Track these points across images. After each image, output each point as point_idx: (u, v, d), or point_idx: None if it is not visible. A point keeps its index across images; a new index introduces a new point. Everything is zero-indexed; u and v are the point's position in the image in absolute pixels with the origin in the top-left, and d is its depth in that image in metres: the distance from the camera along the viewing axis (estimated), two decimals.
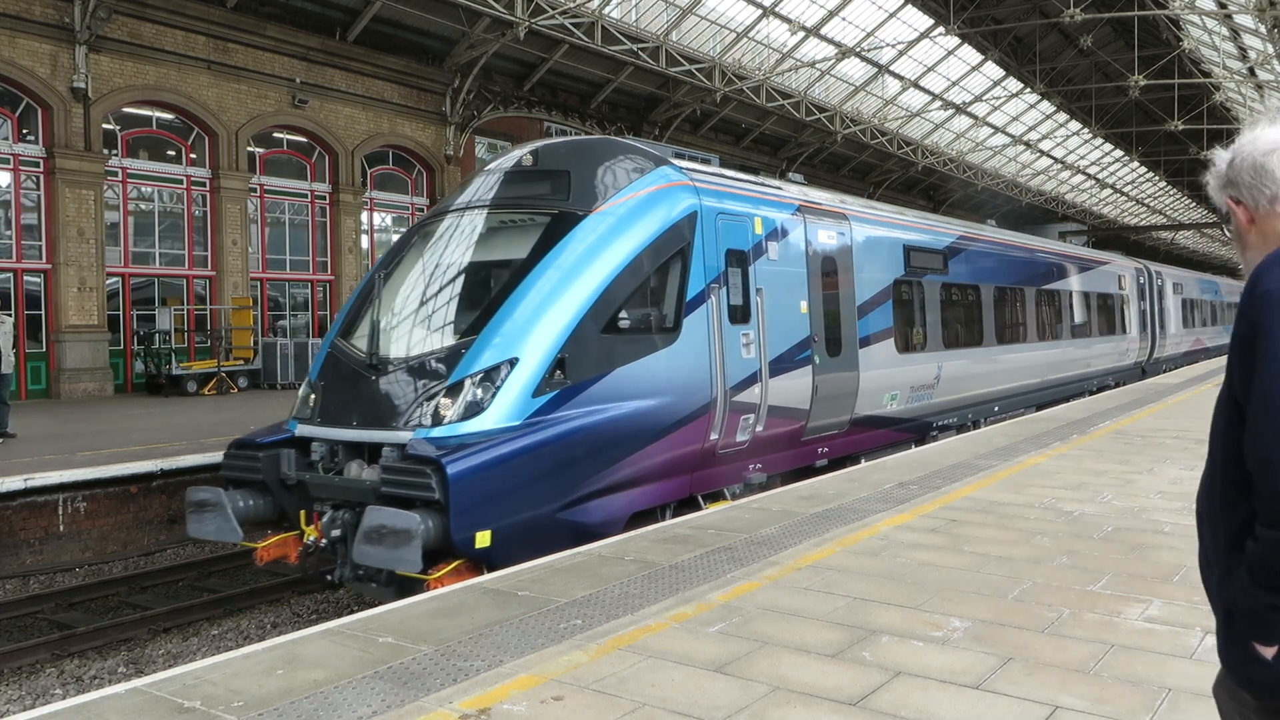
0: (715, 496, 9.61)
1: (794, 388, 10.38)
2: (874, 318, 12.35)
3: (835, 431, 11.43)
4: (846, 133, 32.39)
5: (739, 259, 9.77)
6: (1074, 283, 20.50)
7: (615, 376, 8.17)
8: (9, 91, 20.94)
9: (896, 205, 17.33)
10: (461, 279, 8.75)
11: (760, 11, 26.30)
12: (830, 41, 28.71)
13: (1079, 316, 20.67)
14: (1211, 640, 4.61)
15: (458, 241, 9.05)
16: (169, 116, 23.65)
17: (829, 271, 11.51)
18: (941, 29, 29.86)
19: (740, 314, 9.65)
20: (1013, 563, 6.14)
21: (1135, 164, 50.71)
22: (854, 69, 32.74)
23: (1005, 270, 16.99)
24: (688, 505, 9.06)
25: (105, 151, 22.22)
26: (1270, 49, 28.21)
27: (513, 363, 7.75)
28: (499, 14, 21.86)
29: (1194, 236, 75.31)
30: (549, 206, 8.85)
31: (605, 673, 4.36)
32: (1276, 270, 1.86)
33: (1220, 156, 2.12)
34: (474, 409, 7.59)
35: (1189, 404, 16.29)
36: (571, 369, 8.00)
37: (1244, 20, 27.28)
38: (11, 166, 21.11)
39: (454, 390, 7.70)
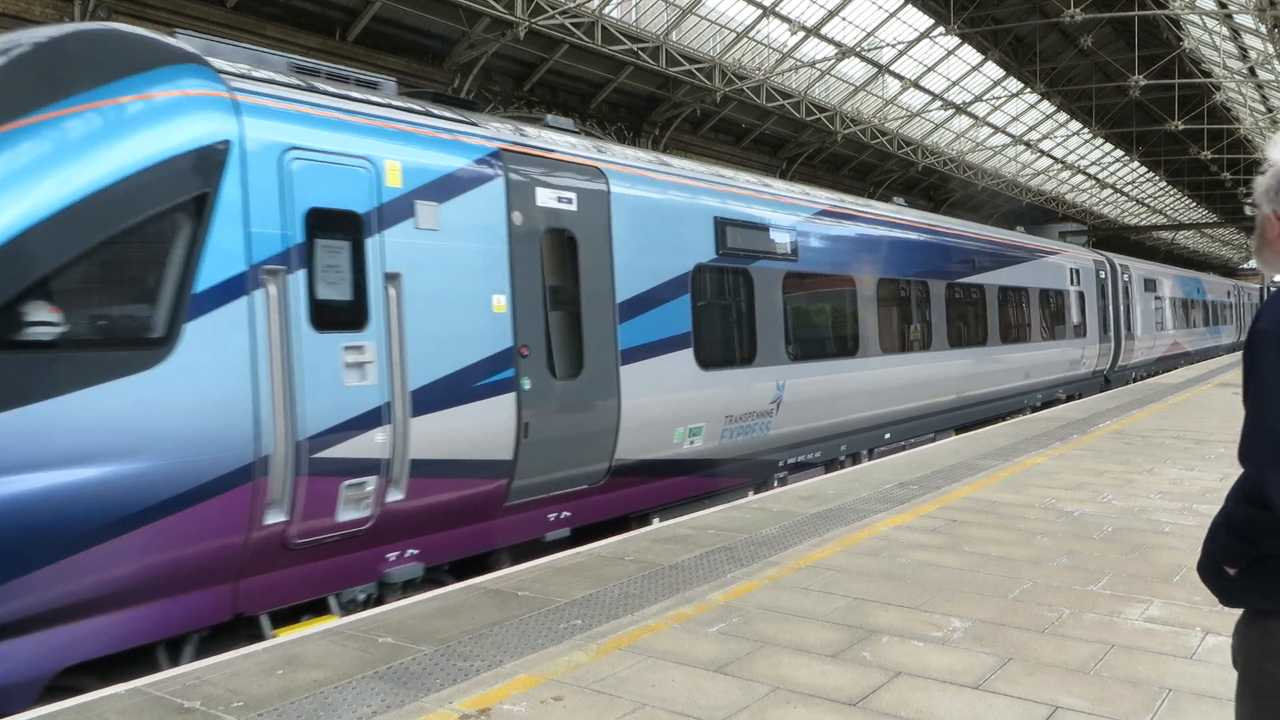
0: (317, 609, 6.22)
1: (477, 428, 6.90)
2: (653, 320, 8.73)
3: (580, 487, 7.99)
4: (846, 133, 32.39)
5: (343, 226, 6.27)
6: (1006, 276, 16.92)
7: (14, 421, 4.68)
8: None
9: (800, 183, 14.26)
10: None
11: (760, 11, 26.30)
12: (830, 41, 28.71)
13: (1013, 317, 17.19)
14: (1211, 640, 4.62)
15: None
16: None
17: (560, 252, 7.89)
18: (941, 29, 29.85)
19: (345, 314, 6.19)
20: (1013, 563, 6.14)
21: (1135, 164, 50.68)
22: (854, 69, 32.75)
23: (898, 259, 13.45)
24: (241, 626, 5.86)
25: None
26: (1270, 49, 28.20)
27: None
28: (499, 14, 21.88)
29: (1194, 236, 75.28)
30: None
31: (605, 673, 4.36)
32: (1272, 310, 2.27)
33: (1277, 160, 2.35)
34: None
35: (1189, 404, 16.29)
36: None
37: (1244, 20, 27.27)
38: None
39: None
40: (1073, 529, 7.06)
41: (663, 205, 9.15)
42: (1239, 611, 2.50)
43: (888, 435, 13.10)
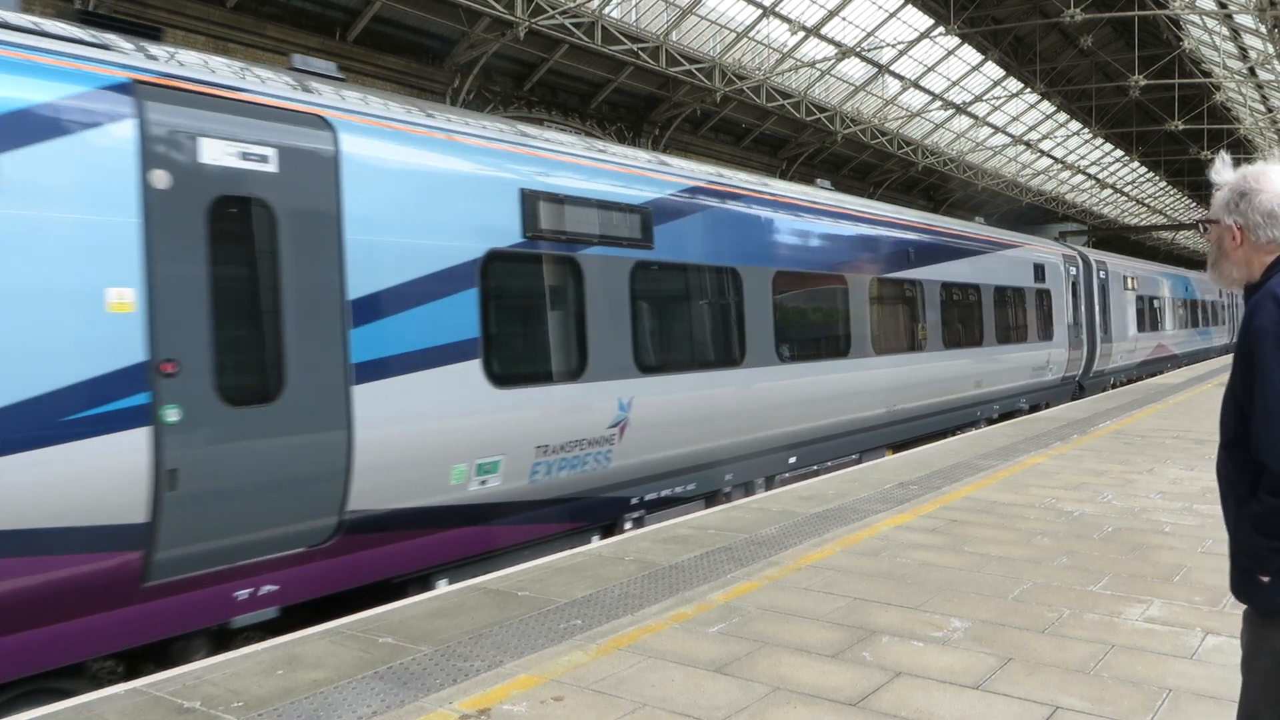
0: None
1: (75, 481, 4.85)
2: (413, 323, 6.54)
3: (290, 551, 5.88)
4: (846, 133, 32.39)
5: None
6: (950, 270, 14.66)
7: None
8: None
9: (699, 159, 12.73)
10: None
11: (760, 11, 26.30)
12: (830, 41, 28.71)
13: (959, 318, 14.95)
14: (1211, 640, 4.62)
15: None
16: None
17: (245, 229, 5.75)
18: (941, 29, 29.85)
19: None
20: (1013, 563, 6.14)
21: (1135, 164, 50.70)
22: (854, 69, 32.75)
23: (805, 248, 11.24)
24: None
25: None
26: (1270, 49, 28.19)
27: None
28: (499, 14, 21.89)
29: (1194, 236, 75.30)
30: None
31: (605, 673, 4.36)
32: (1268, 306, 2.32)
33: (1230, 178, 2.47)
34: None
35: (1189, 404, 16.29)
36: None
37: (1244, 20, 27.27)
38: None
39: None
40: (1073, 529, 7.06)
41: (432, 172, 6.84)
42: (1240, 612, 2.52)
43: (793, 459, 10.87)
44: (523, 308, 7.70)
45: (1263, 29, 26.24)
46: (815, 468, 11.38)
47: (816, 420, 11.18)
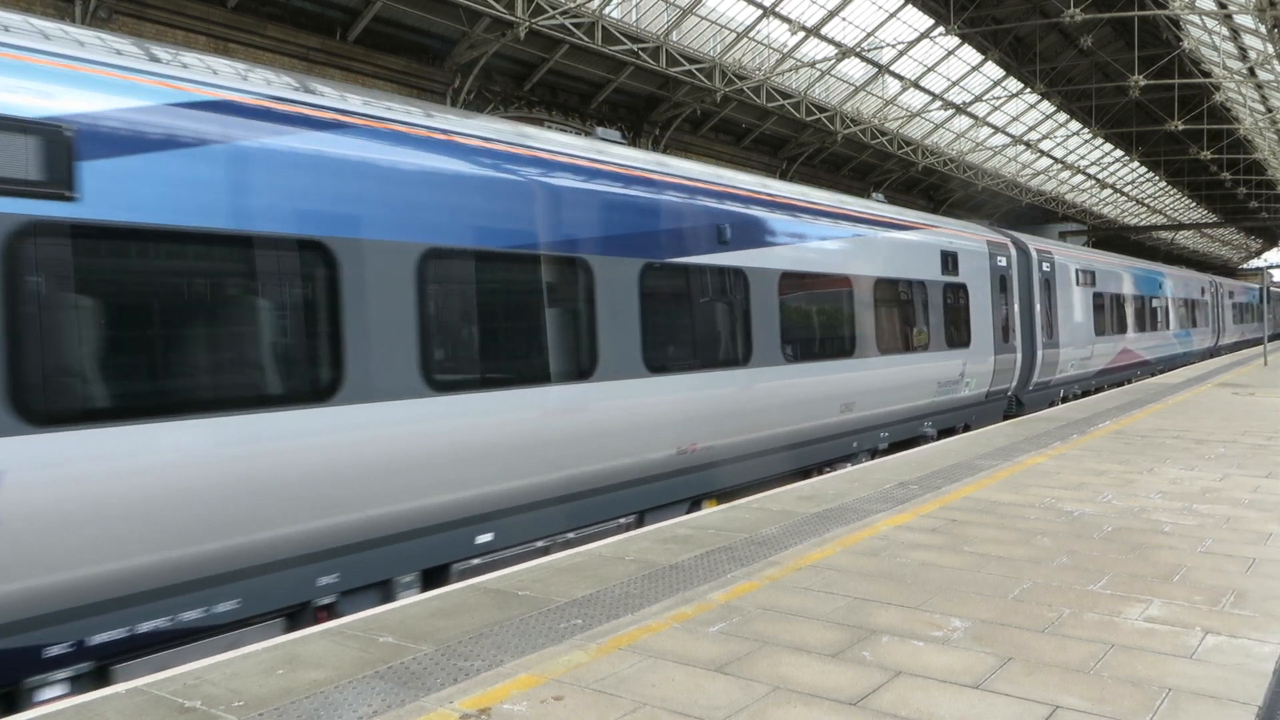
0: None
1: None
2: None
3: None
4: (847, 133, 32.40)
5: None
6: (794, 256, 10.87)
7: None
8: None
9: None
10: None
11: (760, 11, 26.31)
12: (830, 41, 28.72)
13: (815, 321, 11.29)
14: (1211, 640, 4.62)
15: None
16: None
17: None
18: (941, 29, 29.86)
19: None
20: (1013, 563, 6.14)
21: (1135, 164, 50.72)
22: (854, 69, 32.75)
23: (490, 216, 7.24)
24: None
25: None
26: (1270, 49, 28.19)
27: None
28: (499, 14, 21.90)
29: (1194, 236, 75.30)
30: None
31: (605, 672, 4.37)
32: None
33: None
34: None
35: (1189, 404, 16.29)
36: None
37: (1244, 20, 27.27)
38: None
39: None
40: (1073, 529, 7.06)
41: None
42: (1240, 612, 2.50)
43: (487, 536, 7.22)
44: None
45: (1262, 29, 26.23)
46: (539, 544, 7.62)
47: (517, 478, 7.28)
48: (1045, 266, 18.83)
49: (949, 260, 14.63)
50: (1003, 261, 16.76)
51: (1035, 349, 18.00)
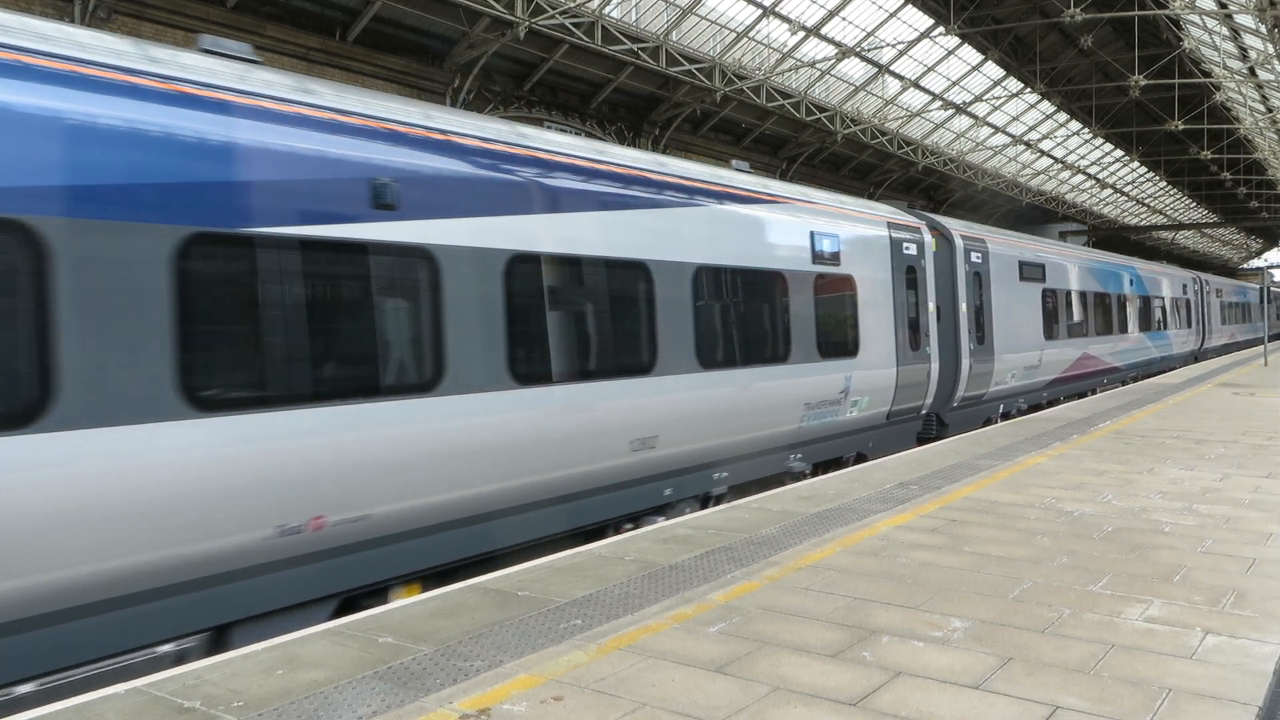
0: None
1: None
2: None
3: None
4: (846, 133, 32.40)
5: None
6: (584, 233, 8.11)
7: None
8: None
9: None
10: None
11: (760, 11, 26.31)
12: (830, 41, 28.72)
13: (588, 325, 8.18)
14: (1211, 640, 4.62)
15: None
16: None
17: None
18: (941, 29, 29.86)
19: None
20: (1013, 563, 6.14)
21: (1135, 164, 50.75)
22: (854, 69, 32.75)
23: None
24: None
25: None
26: (1270, 49, 28.19)
27: None
28: (499, 14, 21.90)
29: (1194, 236, 75.32)
30: None
31: (605, 673, 4.36)
32: None
33: None
34: None
35: (1189, 404, 16.29)
36: None
37: (1244, 20, 27.27)
38: None
39: None
40: (1073, 529, 7.06)
41: None
42: (1240, 612, 2.49)
43: None
44: None
45: (1263, 29, 26.23)
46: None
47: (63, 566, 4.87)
48: (975, 257, 15.87)
49: (824, 245, 11.33)
50: (911, 249, 13.53)
51: (960, 357, 15.07)
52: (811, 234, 11.21)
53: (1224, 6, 26.70)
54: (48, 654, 4.94)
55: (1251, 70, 31.78)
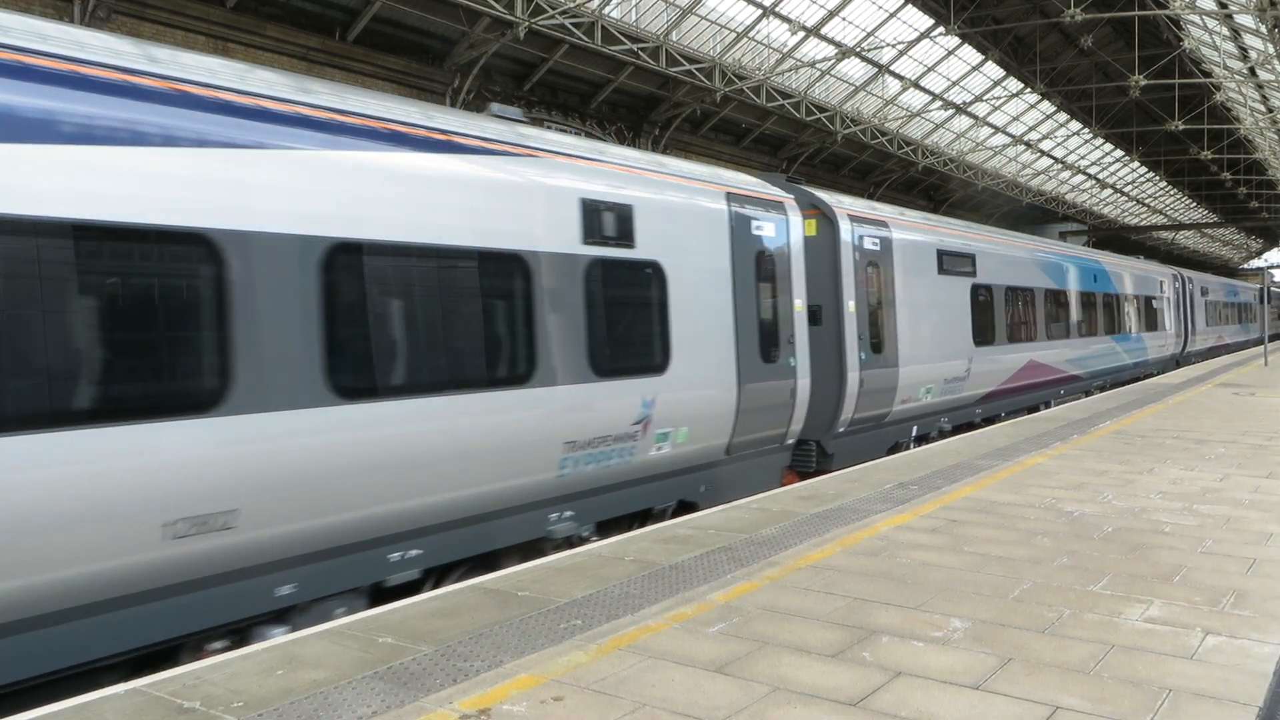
0: None
1: None
2: None
3: None
4: (847, 133, 32.40)
5: None
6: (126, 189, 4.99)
7: None
8: None
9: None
10: None
11: (760, 11, 26.31)
12: (830, 41, 28.72)
13: (164, 331, 5.14)
14: (1211, 640, 4.61)
15: None
16: None
17: None
18: (941, 29, 29.86)
19: None
20: (1013, 563, 6.14)
21: (1135, 164, 50.75)
22: (854, 69, 32.75)
23: None
24: None
25: None
26: (1270, 49, 28.18)
27: None
28: (499, 14, 21.90)
29: (1194, 236, 75.31)
30: None
31: (605, 673, 4.36)
32: None
33: None
34: None
35: (1189, 404, 16.29)
36: None
37: (1244, 20, 27.27)
38: None
39: None
40: (1073, 529, 7.06)
41: None
42: (1240, 612, 2.48)
43: None
44: None
45: (1263, 29, 26.23)
46: None
47: None
48: (871, 244, 12.62)
49: (605, 219, 8.15)
50: (764, 229, 10.26)
51: (845, 370, 11.89)
52: (582, 202, 7.92)
53: (1224, 6, 26.70)
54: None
55: (1252, 70, 31.79)
